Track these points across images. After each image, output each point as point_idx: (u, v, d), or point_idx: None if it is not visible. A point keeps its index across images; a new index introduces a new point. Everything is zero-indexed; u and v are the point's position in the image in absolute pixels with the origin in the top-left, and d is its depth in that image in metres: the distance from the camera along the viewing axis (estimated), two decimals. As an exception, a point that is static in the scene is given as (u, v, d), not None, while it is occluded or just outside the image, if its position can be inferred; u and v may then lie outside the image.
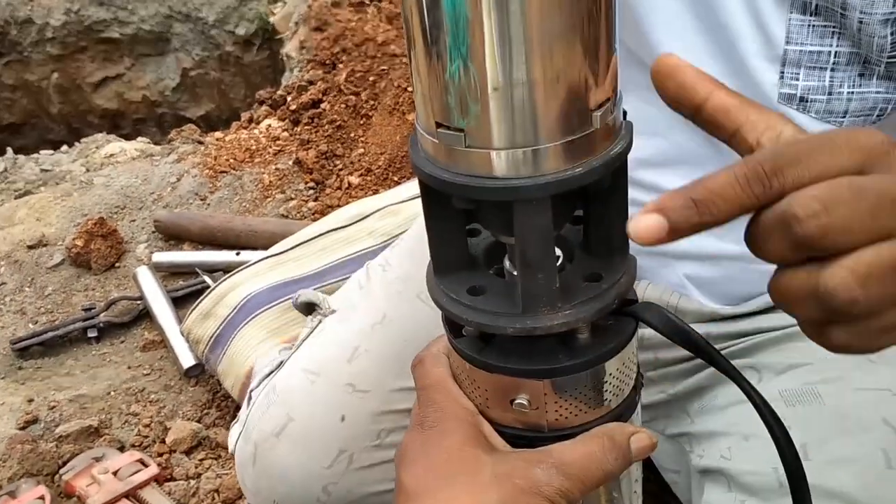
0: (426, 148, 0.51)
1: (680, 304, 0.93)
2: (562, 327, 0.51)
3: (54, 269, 2.11)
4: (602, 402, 0.56)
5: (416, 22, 0.46)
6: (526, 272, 0.50)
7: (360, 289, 1.08)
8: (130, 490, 1.43)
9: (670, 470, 1.00)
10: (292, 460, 0.96)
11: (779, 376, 0.86)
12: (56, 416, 1.66)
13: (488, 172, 0.47)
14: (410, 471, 0.57)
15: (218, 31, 4.24)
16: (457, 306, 0.54)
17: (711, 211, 0.46)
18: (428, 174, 0.50)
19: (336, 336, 1.03)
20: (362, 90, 2.32)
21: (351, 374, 0.98)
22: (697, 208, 0.46)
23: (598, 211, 0.54)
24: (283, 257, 1.71)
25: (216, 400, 1.68)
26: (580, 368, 0.54)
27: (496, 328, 0.53)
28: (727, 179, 0.46)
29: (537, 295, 0.51)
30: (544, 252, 0.49)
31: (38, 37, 4.26)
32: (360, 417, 0.96)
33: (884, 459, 0.75)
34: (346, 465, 0.96)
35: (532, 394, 0.55)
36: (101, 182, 2.34)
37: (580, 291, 0.52)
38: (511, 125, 0.46)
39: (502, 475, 0.53)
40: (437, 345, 0.62)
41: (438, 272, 0.57)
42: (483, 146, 0.47)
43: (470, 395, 0.58)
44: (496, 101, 0.46)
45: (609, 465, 0.55)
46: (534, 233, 0.48)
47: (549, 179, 0.47)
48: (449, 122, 0.48)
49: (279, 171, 2.26)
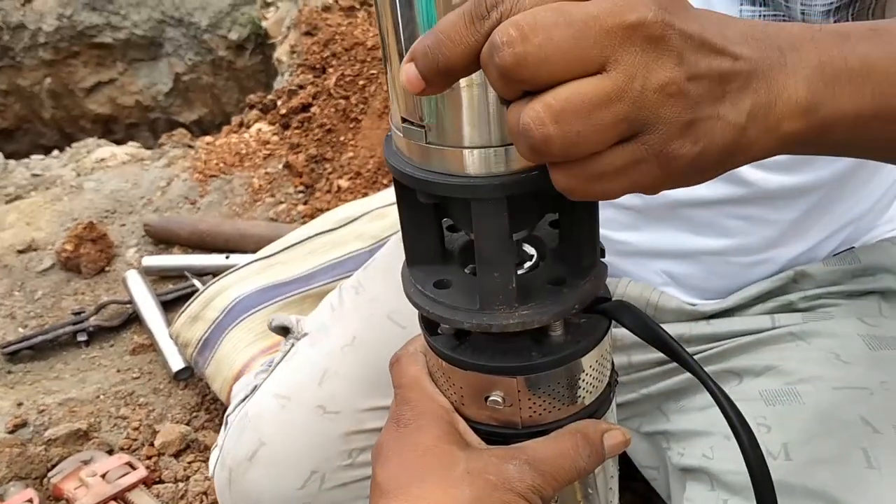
0: (396, 142, 0.52)
1: (660, 301, 0.94)
2: (517, 327, 0.52)
3: (44, 274, 2.11)
4: (576, 400, 0.57)
5: (388, 20, 0.47)
6: (483, 269, 0.51)
7: (333, 311, 1.09)
8: (118, 493, 1.43)
9: (648, 467, 1.00)
10: (265, 484, 0.97)
11: (758, 378, 0.87)
12: (45, 419, 1.66)
13: (447, 169, 0.49)
14: (385, 467, 0.57)
15: (210, 36, 4.25)
16: (421, 297, 0.56)
17: (445, 53, 0.42)
18: (394, 167, 0.51)
19: (307, 359, 1.04)
20: (352, 94, 2.32)
21: (321, 397, 0.99)
22: (432, 53, 0.43)
23: (568, 217, 0.55)
24: (271, 260, 1.71)
25: (205, 403, 1.69)
26: (553, 365, 0.54)
27: (453, 322, 0.54)
28: (453, 19, 0.43)
29: (494, 292, 0.51)
30: (500, 251, 0.50)
31: (30, 42, 4.26)
32: (331, 438, 0.97)
33: (864, 458, 0.75)
34: (319, 486, 0.96)
35: (506, 391, 0.55)
36: (92, 186, 2.35)
37: (540, 294, 0.53)
38: (469, 124, 0.47)
39: (475, 471, 0.54)
40: (413, 344, 0.62)
41: (410, 263, 0.58)
42: (442, 143, 0.48)
43: (446, 392, 0.59)
44: (454, 101, 0.47)
45: (582, 461, 0.55)
46: (490, 231, 0.49)
47: (504, 181, 0.48)
48: (412, 118, 0.49)
49: (269, 174, 2.27)
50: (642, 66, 0.42)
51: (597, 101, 0.41)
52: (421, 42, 0.44)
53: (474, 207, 0.49)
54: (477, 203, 0.49)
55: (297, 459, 0.97)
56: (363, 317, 1.03)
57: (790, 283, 0.91)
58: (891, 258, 0.91)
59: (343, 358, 1.01)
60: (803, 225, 0.90)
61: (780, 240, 0.91)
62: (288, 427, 0.98)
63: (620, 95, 0.41)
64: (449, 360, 0.56)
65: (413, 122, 0.49)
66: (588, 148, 0.42)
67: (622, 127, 0.42)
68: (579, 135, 0.41)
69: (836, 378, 0.82)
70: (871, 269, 0.91)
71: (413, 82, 0.44)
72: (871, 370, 0.82)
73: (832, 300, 0.90)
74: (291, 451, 0.97)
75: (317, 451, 0.97)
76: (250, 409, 1.02)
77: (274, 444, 0.98)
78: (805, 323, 0.89)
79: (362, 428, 0.97)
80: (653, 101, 0.42)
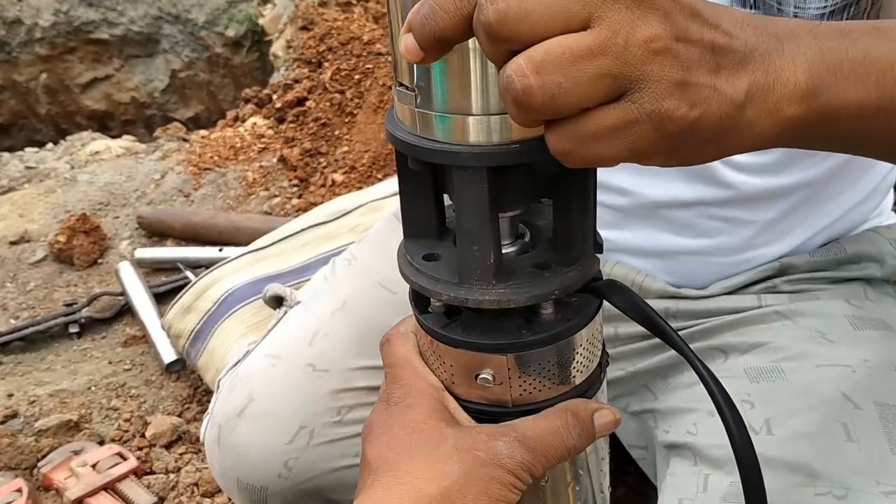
0: (396, 107, 0.52)
1: (645, 283, 0.94)
2: (492, 304, 0.52)
3: (36, 265, 2.10)
4: (566, 379, 0.56)
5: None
6: (462, 241, 0.51)
7: (325, 280, 1.11)
8: (108, 483, 1.42)
9: (636, 446, 1.00)
10: (253, 438, 0.98)
11: (744, 355, 0.87)
12: (36, 410, 1.66)
13: (432, 135, 0.49)
14: (374, 445, 0.57)
15: (207, 33, 4.24)
16: (407, 267, 0.56)
17: (439, 23, 0.43)
18: (388, 131, 0.52)
19: (298, 323, 1.06)
20: (347, 88, 2.32)
21: (311, 356, 1.00)
22: (428, 23, 0.43)
23: (560, 203, 0.55)
24: (264, 252, 1.71)
25: (197, 395, 1.68)
26: (543, 344, 0.54)
27: (431, 293, 0.54)
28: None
29: (472, 267, 0.51)
30: (479, 223, 0.50)
31: (26, 37, 4.25)
32: (319, 395, 0.98)
33: (843, 432, 0.76)
34: (307, 441, 0.97)
35: (496, 369, 0.55)
36: (86, 179, 2.34)
37: (522, 275, 0.53)
38: (454, 91, 0.47)
39: (464, 447, 0.53)
40: (404, 324, 0.62)
41: (406, 235, 0.58)
42: (429, 109, 0.48)
43: (436, 371, 0.59)
44: (441, 66, 0.47)
45: (572, 440, 0.55)
46: (469, 201, 0.49)
47: (484, 150, 0.48)
48: (405, 81, 0.49)
49: (263, 168, 2.26)
50: (626, 22, 0.42)
51: (578, 53, 0.41)
52: (417, 12, 0.44)
53: (454, 176, 0.49)
54: (457, 171, 0.49)
55: (285, 415, 0.98)
56: (354, 284, 1.05)
57: (775, 273, 0.92)
58: (875, 246, 0.91)
59: (333, 321, 1.02)
60: (784, 225, 0.91)
61: (760, 240, 0.91)
62: (278, 384, 1.00)
63: (603, 49, 0.41)
64: (439, 338, 0.56)
65: (406, 85, 0.49)
66: (571, 101, 0.42)
67: (606, 82, 0.42)
68: (560, 86, 0.41)
69: (820, 356, 0.82)
70: (856, 258, 0.91)
71: (411, 51, 0.44)
72: (855, 349, 0.82)
73: (817, 285, 0.91)
74: (280, 406, 0.98)
75: (306, 407, 0.98)
76: (241, 369, 1.04)
77: (263, 399, 0.99)
78: (791, 303, 0.89)
79: (351, 386, 0.98)
80: (637, 57, 0.42)
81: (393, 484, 0.53)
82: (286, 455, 0.97)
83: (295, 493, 0.98)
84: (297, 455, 0.97)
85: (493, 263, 0.51)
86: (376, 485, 0.54)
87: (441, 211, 0.58)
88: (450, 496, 0.52)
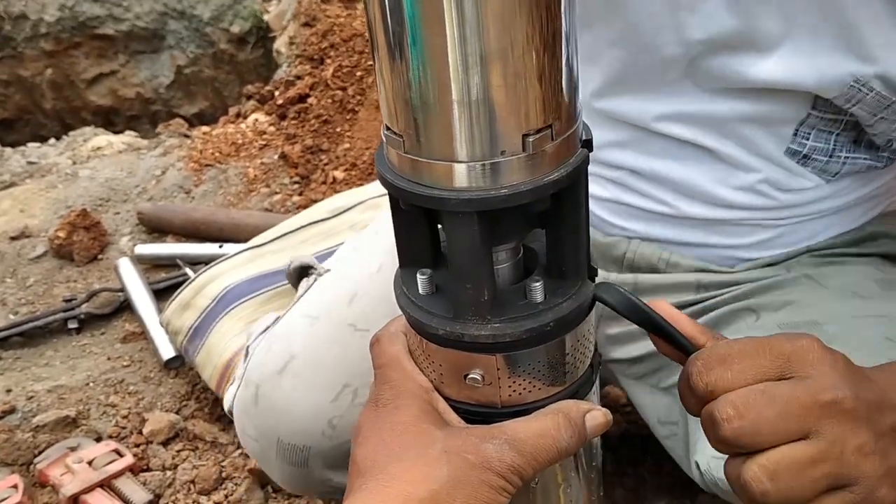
0: (385, 148, 0.53)
1: (672, 258, 0.95)
2: (488, 339, 0.52)
3: (36, 261, 2.10)
4: (557, 380, 0.56)
5: (376, 30, 0.47)
6: (456, 280, 0.51)
7: (355, 250, 1.10)
8: (105, 479, 1.42)
9: (667, 422, 1.00)
10: (297, 395, 0.97)
11: (776, 312, 0.88)
12: (34, 406, 1.65)
13: (420, 180, 0.49)
14: (363, 447, 0.56)
15: (212, 29, 4.23)
16: (403, 298, 0.56)
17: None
18: (379, 172, 0.52)
19: (334, 285, 1.05)
20: (349, 85, 2.31)
21: (351, 315, 0.99)
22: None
23: (553, 235, 0.55)
24: (263, 249, 1.70)
25: (195, 392, 1.67)
26: (532, 344, 0.53)
27: (428, 327, 0.54)
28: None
29: (466, 303, 0.52)
30: (472, 263, 0.50)
31: (32, 32, 4.24)
32: (362, 354, 0.98)
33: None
34: (351, 400, 0.96)
35: (485, 369, 0.54)
36: (87, 174, 2.33)
37: (516, 307, 0.53)
38: (439, 139, 0.47)
39: (453, 450, 0.53)
40: (395, 324, 0.62)
41: (402, 264, 0.58)
42: (416, 155, 0.48)
43: (426, 371, 0.58)
44: (426, 116, 0.47)
45: (563, 442, 0.54)
46: (461, 244, 0.49)
47: (472, 196, 0.47)
48: (393, 127, 0.49)
49: (264, 165, 2.26)
50: (840, 434, 0.53)
51: (805, 463, 0.52)
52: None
53: (445, 220, 0.49)
54: (448, 216, 0.49)
55: (329, 371, 0.97)
56: (387, 251, 1.06)
57: (801, 252, 0.93)
58: (893, 225, 0.94)
59: (371, 283, 1.01)
60: (816, 224, 0.94)
61: (789, 239, 0.93)
62: (319, 341, 0.99)
63: (825, 458, 0.53)
64: (428, 337, 0.55)
65: (394, 131, 0.49)
66: (799, 499, 0.53)
67: (828, 482, 0.53)
68: (792, 490, 0.53)
69: (856, 308, 0.84)
70: (874, 235, 0.93)
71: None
72: (889, 304, 0.85)
73: (840, 258, 0.93)
74: (323, 363, 0.97)
75: (349, 365, 0.97)
76: (278, 329, 1.03)
77: (305, 356, 0.98)
78: (819, 268, 0.91)
79: None
80: (853, 461, 0.53)
81: (381, 487, 0.53)
82: (331, 413, 0.96)
83: (337, 454, 0.97)
84: (341, 413, 0.96)
85: (488, 300, 0.51)
86: (364, 488, 0.53)
87: (435, 239, 0.58)
88: (438, 499, 0.51)
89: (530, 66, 0.45)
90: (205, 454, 1.53)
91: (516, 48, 0.44)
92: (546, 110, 0.47)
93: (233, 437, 1.55)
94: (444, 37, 0.43)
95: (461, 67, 0.44)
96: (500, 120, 0.46)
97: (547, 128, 0.47)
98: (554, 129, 0.48)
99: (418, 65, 0.45)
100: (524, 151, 0.47)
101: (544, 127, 0.47)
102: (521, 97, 0.46)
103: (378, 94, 0.52)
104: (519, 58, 0.45)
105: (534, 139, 0.47)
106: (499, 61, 0.44)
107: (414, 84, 0.46)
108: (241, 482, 1.44)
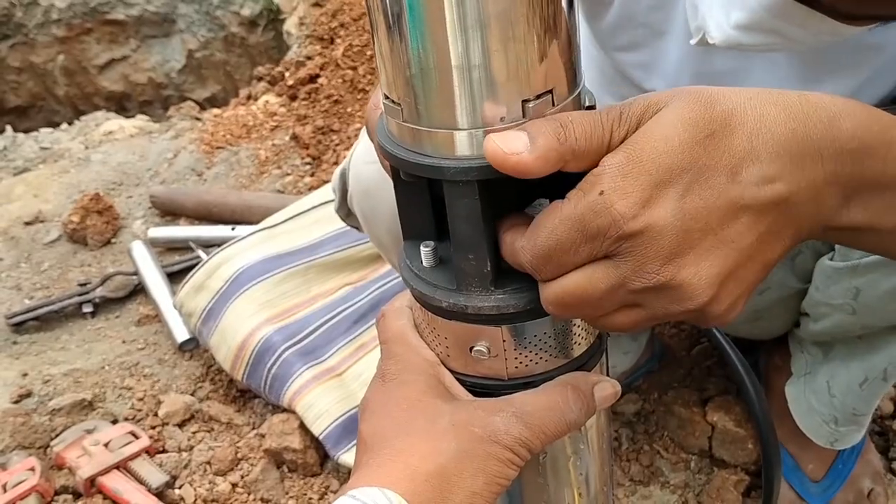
0: (384, 118, 0.52)
1: None
2: (491, 310, 0.51)
3: (51, 245, 2.10)
4: (565, 351, 0.55)
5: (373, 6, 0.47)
6: (458, 251, 0.50)
7: None
8: (121, 461, 1.42)
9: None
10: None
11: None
12: (50, 389, 1.66)
13: (421, 149, 0.48)
14: (370, 422, 0.56)
15: (223, 12, 4.22)
16: (406, 271, 0.55)
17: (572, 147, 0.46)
18: (379, 142, 0.51)
19: None
20: (360, 64, 2.30)
21: None
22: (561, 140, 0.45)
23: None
24: (275, 230, 1.70)
25: (210, 374, 1.68)
26: (537, 315, 0.52)
27: (431, 299, 0.53)
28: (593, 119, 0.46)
29: (469, 274, 0.51)
30: (473, 233, 0.49)
31: (43, 18, 4.25)
32: None
33: None
34: None
35: (491, 341, 0.53)
36: (99, 159, 2.34)
37: (520, 278, 0.52)
38: (438, 107, 0.46)
39: (460, 423, 0.52)
40: (400, 299, 0.61)
41: (405, 237, 0.58)
42: (415, 124, 0.48)
43: (431, 345, 0.57)
44: (424, 83, 0.46)
45: (572, 414, 0.54)
46: (462, 214, 0.49)
47: (473, 164, 0.47)
48: (391, 96, 0.48)
49: (276, 146, 2.25)
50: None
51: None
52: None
53: (446, 189, 0.48)
54: (448, 185, 0.48)
55: None
56: None
57: None
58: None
59: None
60: None
61: None
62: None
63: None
64: (433, 310, 0.55)
65: (392, 99, 0.48)
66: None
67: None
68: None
69: None
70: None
71: (517, 151, 0.46)
72: None
73: None
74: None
75: None
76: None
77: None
78: None
79: None
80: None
81: (388, 462, 0.52)
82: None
83: None
84: None
85: (490, 271, 0.51)
86: (371, 463, 0.53)
87: (440, 211, 0.57)
88: (446, 473, 0.51)
89: (529, 30, 0.44)
90: (220, 435, 1.53)
91: (515, 11, 0.43)
92: (546, 75, 0.46)
93: (248, 418, 1.56)
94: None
95: (459, 31, 0.43)
96: (500, 85, 0.45)
97: (547, 93, 0.46)
98: (555, 95, 0.47)
99: (416, 29, 0.44)
100: (525, 117, 0.46)
101: (545, 92, 0.46)
102: (521, 62, 0.45)
103: (375, 62, 0.51)
104: (518, 21, 0.44)
105: (534, 105, 0.46)
106: (497, 25, 0.43)
107: (412, 49, 0.45)
108: (257, 463, 1.44)
